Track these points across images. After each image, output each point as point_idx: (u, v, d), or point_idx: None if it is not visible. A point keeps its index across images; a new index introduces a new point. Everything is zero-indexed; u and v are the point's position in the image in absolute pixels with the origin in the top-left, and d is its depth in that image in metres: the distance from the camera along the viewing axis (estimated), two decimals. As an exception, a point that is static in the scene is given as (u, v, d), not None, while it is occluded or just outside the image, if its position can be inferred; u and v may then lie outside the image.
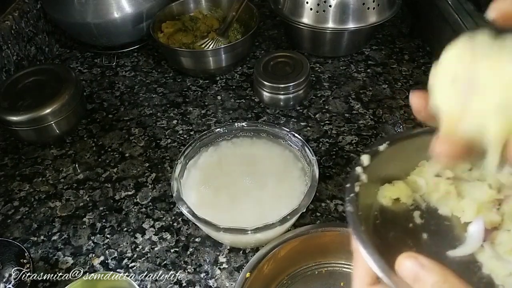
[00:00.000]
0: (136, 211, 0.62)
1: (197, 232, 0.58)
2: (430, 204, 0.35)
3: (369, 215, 0.34)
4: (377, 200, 0.35)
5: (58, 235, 0.60)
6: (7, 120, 0.66)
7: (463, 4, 0.68)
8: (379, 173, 0.35)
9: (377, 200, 0.35)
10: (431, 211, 0.34)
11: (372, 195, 0.35)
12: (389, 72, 0.81)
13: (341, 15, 0.76)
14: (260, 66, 0.74)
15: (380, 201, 0.35)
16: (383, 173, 0.35)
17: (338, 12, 0.75)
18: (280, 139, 0.60)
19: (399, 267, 0.26)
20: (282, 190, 0.55)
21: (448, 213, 0.34)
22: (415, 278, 0.25)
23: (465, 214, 0.33)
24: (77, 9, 0.80)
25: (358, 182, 0.33)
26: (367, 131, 0.70)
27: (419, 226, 0.34)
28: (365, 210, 0.32)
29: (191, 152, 0.58)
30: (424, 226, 0.34)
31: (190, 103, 0.78)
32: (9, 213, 0.63)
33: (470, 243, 0.32)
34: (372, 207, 0.34)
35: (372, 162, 0.34)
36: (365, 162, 0.34)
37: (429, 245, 0.32)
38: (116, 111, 0.77)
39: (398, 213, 0.34)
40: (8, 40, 0.79)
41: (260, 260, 0.49)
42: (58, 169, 0.68)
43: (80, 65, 0.88)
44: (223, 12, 0.88)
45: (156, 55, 0.89)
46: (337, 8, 0.75)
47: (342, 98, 0.76)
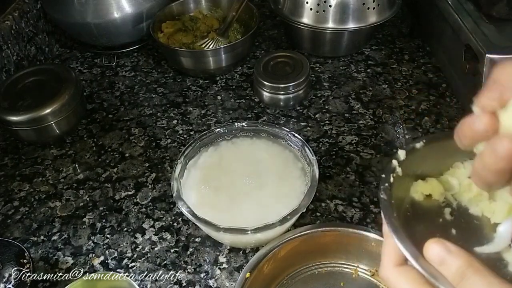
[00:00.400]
0: (136, 211, 0.62)
1: (197, 232, 0.58)
2: (462, 203, 0.35)
3: (401, 207, 0.35)
4: (410, 194, 0.36)
5: (58, 235, 0.60)
6: (7, 120, 0.66)
7: (463, 4, 0.68)
8: (413, 169, 0.36)
9: (410, 195, 0.36)
10: (462, 209, 0.35)
11: (405, 189, 0.36)
12: (389, 72, 0.81)
13: (341, 15, 0.76)
14: (260, 66, 0.74)
15: (413, 196, 0.36)
16: (418, 169, 0.36)
17: (338, 12, 0.75)
18: (280, 139, 0.60)
19: (427, 251, 0.27)
20: (282, 190, 0.55)
21: (478, 213, 0.35)
22: (441, 261, 0.26)
23: (496, 215, 0.33)
24: (77, 9, 0.80)
25: (393, 173, 0.34)
26: (367, 131, 0.70)
27: (448, 222, 0.34)
28: (398, 201, 0.33)
29: (191, 152, 0.58)
30: (454, 222, 0.34)
31: (190, 103, 0.78)
32: (9, 213, 0.63)
33: (498, 242, 0.32)
34: (404, 200, 0.35)
35: (408, 157, 0.35)
36: (401, 157, 0.35)
37: (457, 240, 0.33)
38: (116, 111, 0.77)
39: (429, 208, 0.35)
40: (8, 40, 0.79)
41: (260, 260, 0.49)
42: (58, 169, 0.68)
43: (80, 65, 0.88)
44: (223, 12, 0.88)
45: (156, 55, 0.89)
46: (337, 8, 0.75)
47: (342, 98, 0.76)
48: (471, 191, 0.35)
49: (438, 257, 0.27)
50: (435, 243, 0.27)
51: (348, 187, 0.62)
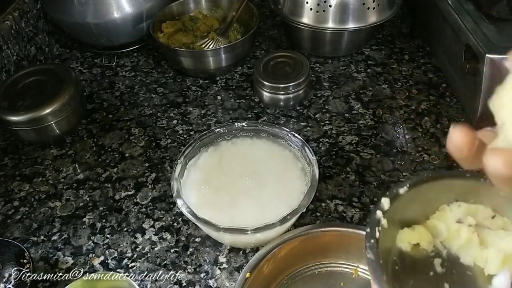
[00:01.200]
0: (136, 211, 0.62)
1: (197, 232, 0.58)
2: (451, 251, 0.34)
3: (388, 260, 0.33)
4: (396, 244, 0.34)
5: (58, 235, 0.60)
6: (7, 120, 0.66)
7: (463, 4, 0.68)
8: (398, 217, 0.34)
9: (396, 245, 0.34)
10: (453, 259, 0.33)
11: (391, 239, 0.34)
12: (389, 72, 0.81)
13: (341, 15, 0.76)
14: (260, 66, 0.74)
15: (399, 246, 0.34)
16: (403, 216, 0.34)
17: (338, 12, 0.75)
18: (280, 139, 0.60)
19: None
20: (282, 190, 0.55)
21: (470, 262, 0.33)
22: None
23: (489, 266, 0.32)
24: (77, 9, 0.80)
25: (379, 227, 0.32)
26: (367, 131, 0.70)
27: (440, 275, 0.33)
28: (384, 255, 0.32)
29: (191, 152, 0.58)
30: (446, 275, 0.33)
31: (190, 103, 0.78)
32: (9, 213, 0.63)
33: None
34: (391, 252, 0.33)
35: (392, 205, 0.33)
36: (385, 206, 0.33)
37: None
38: (116, 111, 0.77)
39: (418, 259, 0.34)
40: (8, 40, 0.79)
41: (260, 260, 0.49)
42: (58, 169, 0.68)
43: (80, 65, 0.88)
44: (223, 12, 0.88)
45: (156, 55, 0.89)
46: (337, 8, 0.75)
47: (342, 98, 0.76)
48: (460, 237, 0.33)
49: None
50: None
51: (348, 187, 0.62)
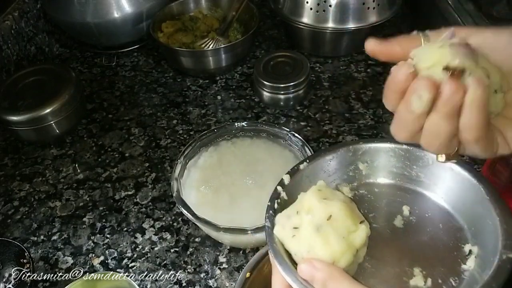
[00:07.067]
0: (136, 211, 0.62)
1: (197, 232, 0.58)
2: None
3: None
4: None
5: (58, 235, 0.60)
6: (7, 120, 0.66)
7: (463, 4, 0.68)
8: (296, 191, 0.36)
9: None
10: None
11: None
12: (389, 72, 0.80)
13: (341, 15, 0.75)
14: (260, 66, 0.74)
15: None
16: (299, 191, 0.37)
17: (338, 12, 0.75)
18: (280, 139, 0.60)
19: (300, 272, 0.31)
20: (282, 190, 0.55)
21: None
22: (312, 278, 0.30)
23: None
24: (77, 9, 0.80)
25: (278, 199, 0.36)
26: (367, 131, 0.70)
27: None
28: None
29: (191, 152, 0.58)
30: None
31: (190, 103, 0.78)
32: (9, 213, 0.63)
33: None
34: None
35: (292, 180, 0.37)
36: (286, 181, 0.37)
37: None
38: (116, 111, 0.77)
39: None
40: (8, 40, 0.79)
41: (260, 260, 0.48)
42: (58, 169, 0.68)
43: (80, 65, 0.88)
44: (223, 12, 0.88)
45: (156, 55, 0.89)
46: (337, 8, 0.75)
47: (342, 98, 0.76)
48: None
49: (308, 275, 0.30)
50: (304, 263, 0.30)
51: (348, 187, 0.62)
